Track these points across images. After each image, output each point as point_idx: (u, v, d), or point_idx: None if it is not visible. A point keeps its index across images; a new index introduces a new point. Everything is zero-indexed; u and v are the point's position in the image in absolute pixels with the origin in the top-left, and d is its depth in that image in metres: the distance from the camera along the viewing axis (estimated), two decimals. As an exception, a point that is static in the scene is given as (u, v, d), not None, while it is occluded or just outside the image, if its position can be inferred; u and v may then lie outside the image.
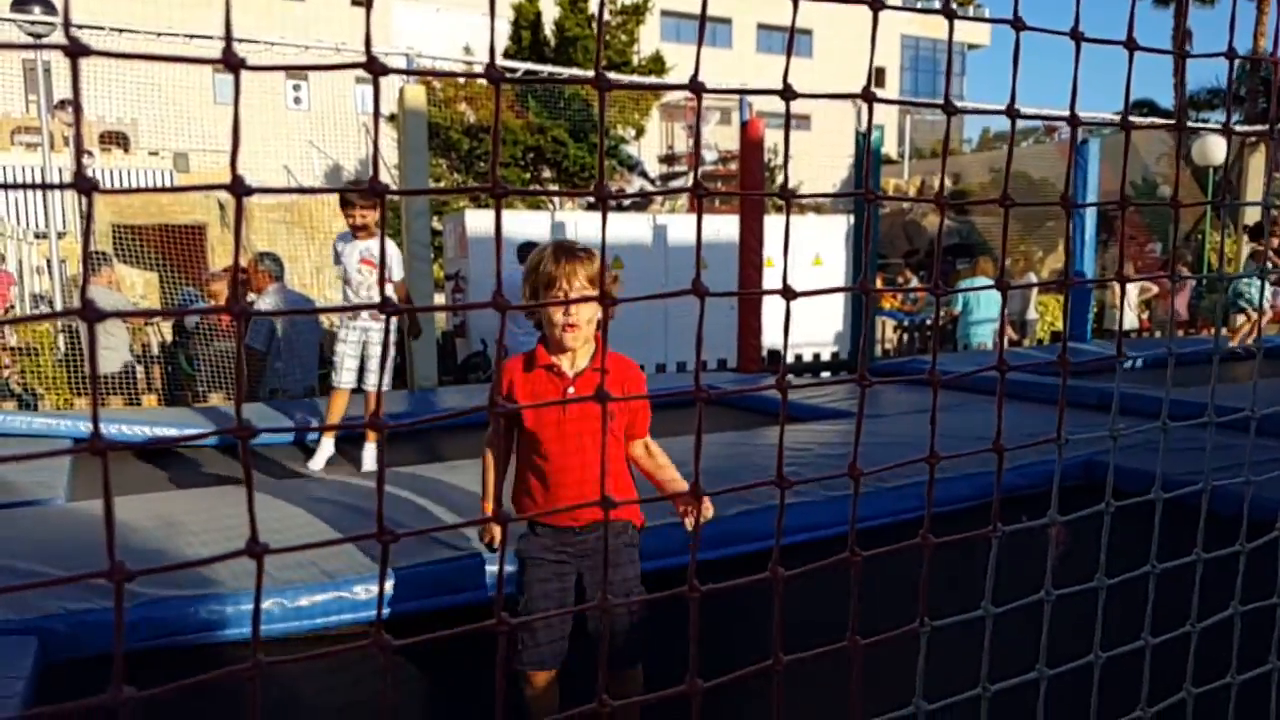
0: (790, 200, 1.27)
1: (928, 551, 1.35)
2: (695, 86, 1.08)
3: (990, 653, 1.50)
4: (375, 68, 0.93)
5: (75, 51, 0.75)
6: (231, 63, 0.86)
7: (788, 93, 1.21)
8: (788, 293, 1.26)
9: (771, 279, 9.81)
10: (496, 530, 2.91)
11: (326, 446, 5.63)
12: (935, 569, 1.35)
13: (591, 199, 1.05)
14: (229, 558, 0.82)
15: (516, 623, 0.98)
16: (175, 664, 2.85)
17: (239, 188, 0.89)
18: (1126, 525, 1.73)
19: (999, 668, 1.51)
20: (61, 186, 0.75)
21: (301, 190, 0.95)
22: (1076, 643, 1.67)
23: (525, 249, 7.56)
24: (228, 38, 0.88)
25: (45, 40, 8.52)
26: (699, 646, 1.19)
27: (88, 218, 0.74)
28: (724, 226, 10.82)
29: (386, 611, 3.21)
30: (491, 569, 3.35)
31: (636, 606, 2.86)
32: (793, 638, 1.26)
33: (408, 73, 1.34)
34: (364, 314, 5.18)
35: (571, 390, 2.83)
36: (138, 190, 0.81)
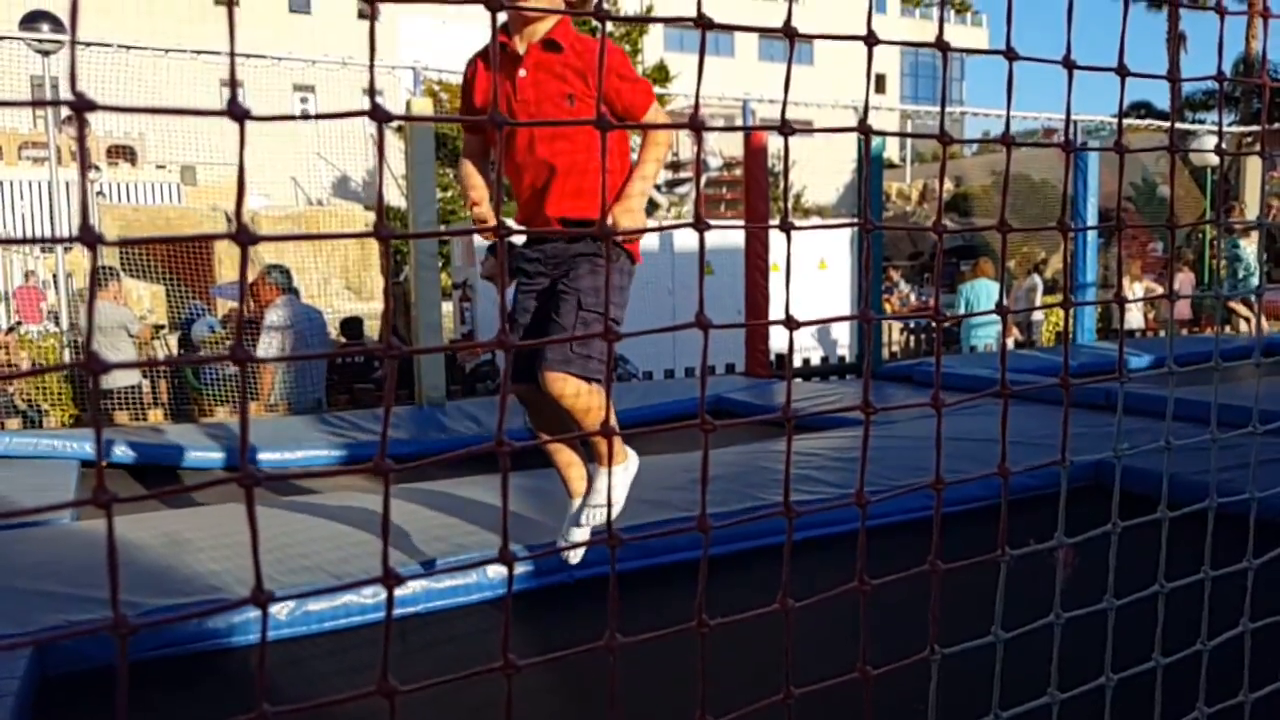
0: (790, 231, 1.27)
1: (937, 578, 1.35)
2: (696, 125, 1.09)
3: (1002, 677, 1.49)
4: (379, 115, 0.94)
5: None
6: (236, 114, 0.87)
7: (786, 127, 1.21)
8: (790, 323, 1.27)
9: (778, 283, 9.77)
10: (487, 213, 2.56)
11: None
12: (946, 584, 1.35)
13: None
14: (233, 607, 0.82)
15: (524, 664, 0.98)
16: (182, 673, 2.85)
17: (243, 236, 0.90)
18: (1138, 528, 1.71)
19: (1013, 688, 1.50)
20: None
21: (306, 237, 0.95)
22: (1089, 659, 1.66)
23: None
24: (232, 87, 0.89)
25: (53, 56, 8.56)
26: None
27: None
28: (729, 231, 10.81)
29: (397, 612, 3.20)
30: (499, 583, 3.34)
31: (583, 310, 2.58)
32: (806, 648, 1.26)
33: (409, 119, 1.35)
34: None
35: (523, 73, 2.44)
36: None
